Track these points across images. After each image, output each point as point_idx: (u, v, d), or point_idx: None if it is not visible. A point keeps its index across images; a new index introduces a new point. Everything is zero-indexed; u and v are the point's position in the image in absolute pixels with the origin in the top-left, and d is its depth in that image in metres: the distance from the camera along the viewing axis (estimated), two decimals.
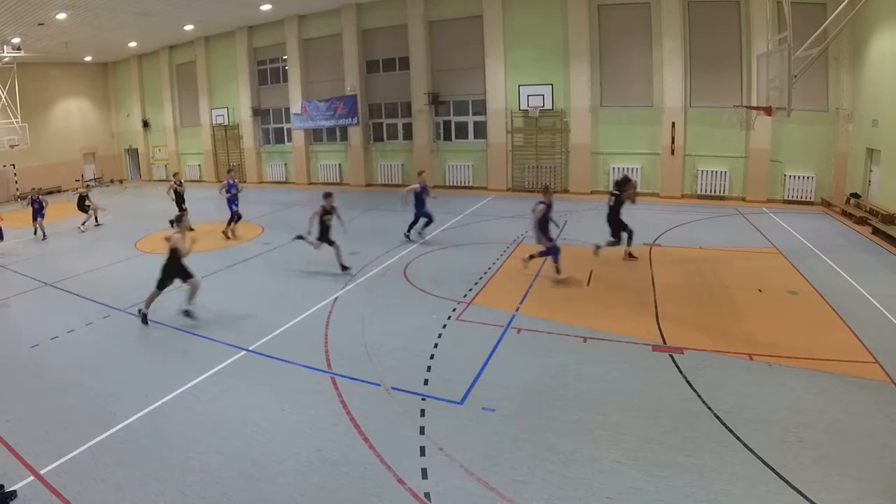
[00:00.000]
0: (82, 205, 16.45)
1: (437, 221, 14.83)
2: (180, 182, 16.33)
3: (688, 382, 6.07)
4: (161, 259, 8.63)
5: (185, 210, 15.60)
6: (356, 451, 5.05)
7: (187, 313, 8.38)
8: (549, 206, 9.58)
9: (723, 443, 4.96)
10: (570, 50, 18.21)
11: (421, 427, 5.39)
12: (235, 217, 14.51)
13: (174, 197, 16.08)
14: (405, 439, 5.20)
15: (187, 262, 8.45)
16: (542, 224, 9.61)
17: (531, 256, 9.92)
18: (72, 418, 5.76)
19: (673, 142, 17.30)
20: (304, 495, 4.50)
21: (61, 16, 17.47)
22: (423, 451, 5.00)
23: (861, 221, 13.25)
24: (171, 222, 8.62)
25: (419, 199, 12.94)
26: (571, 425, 5.36)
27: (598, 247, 10.47)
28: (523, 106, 18.82)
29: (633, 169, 18.13)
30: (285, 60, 23.94)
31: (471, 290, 9.39)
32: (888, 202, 12.82)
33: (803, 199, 16.05)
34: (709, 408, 5.53)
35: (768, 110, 9.91)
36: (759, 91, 11.03)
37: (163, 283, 8.43)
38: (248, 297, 9.69)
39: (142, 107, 29.24)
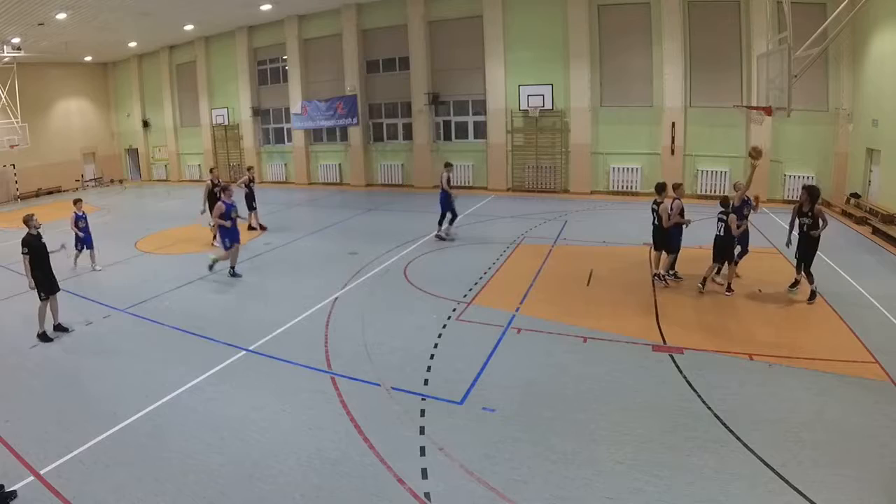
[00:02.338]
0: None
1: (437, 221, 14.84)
2: (252, 178, 15.01)
3: (688, 382, 6.06)
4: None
5: (255, 208, 14.64)
6: (356, 451, 5.05)
7: (672, 276, 9.40)
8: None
9: (723, 443, 4.96)
10: (570, 50, 18.20)
11: (421, 427, 5.39)
12: (453, 216, 13.09)
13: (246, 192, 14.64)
14: (405, 439, 5.19)
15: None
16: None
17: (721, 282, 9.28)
18: (72, 418, 5.76)
19: (673, 142, 17.30)
20: (304, 495, 4.50)
21: (61, 16, 17.46)
22: (423, 451, 5.00)
23: (861, 221, 13.24)
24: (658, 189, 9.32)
25: None
26: (571, 425, 5.36)
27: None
28: (523, 106, 18.81)
29: (633, 169, 18.15)
30: (285, 60, 23.93)
31: (471, 290, 9.39)
32: (888, 202, 12.82)
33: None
34: (709, 408, 5.52)
35: (768, 110, 9.90)
36: (759, 91, 11.02)
37: (664, 247, 9.25)
38: (248, 297, 9.69)
39: (142, 107, 29.23)
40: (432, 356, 6.95)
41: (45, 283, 8.03)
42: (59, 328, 8.24)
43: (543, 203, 17.37)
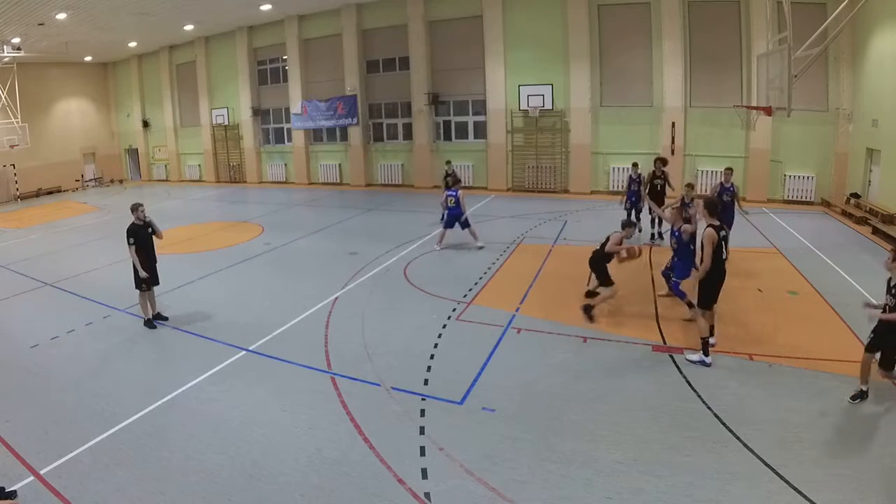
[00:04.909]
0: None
1: (436, 222, 14.83)
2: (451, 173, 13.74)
3: (688, 382, 6.06)
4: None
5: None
6: (356, 451, 5.05)
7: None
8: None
9: (723, 443, 4.96)
10: (570, 50, 18.20)
11: (421, 427, 5.39)
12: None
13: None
14: (405, 439, 5.20)
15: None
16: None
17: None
18: (72, 418, 5.76)
19: (673, 142, 17.30)
20: (304, 495, 4.50)
21: (61, 16, 17.47)
22: (423, 451, 5.00)
23: (861, 221, 13.25)
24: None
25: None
26: (571, 425, 5.36)
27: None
28: (523, 106, 18.81)
29: None
30: (285, 60, 23.94)
31: (471, 290, 9.39)
32: (888, 202, 12.82)
33: (803, 199, 16.05)
34: (709, 408, 5.53)
35: (768, 110, 9.92)
36: (759, 91, 11.03)
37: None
38: (248, 297, 9.69)
39: (142, 107, 29.23)
40: (432, 356, 6.95)
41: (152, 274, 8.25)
42: (159, 316, 8.47)
43: (543, 203, 17.37)
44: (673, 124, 17.20)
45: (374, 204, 18.89)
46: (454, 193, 11.87)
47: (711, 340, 6.69)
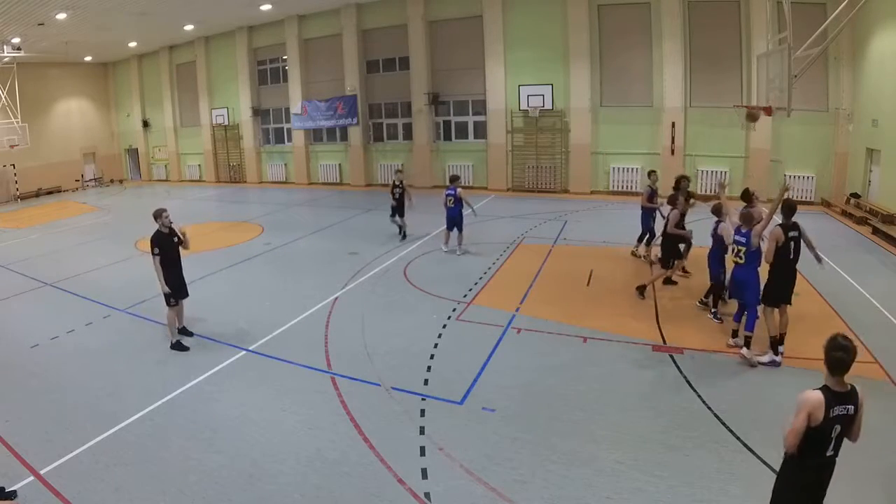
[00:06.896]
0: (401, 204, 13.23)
1: (436, 222, 14.83)
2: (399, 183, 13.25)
3: (688, 382, 6.07)
4: None
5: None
6: (356, 451, 5.05)
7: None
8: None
9: (723, 443, 4.96)
10: (570, 50, 18.21)
11: (421, 427, 5.39)
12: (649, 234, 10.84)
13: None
14: (405, 439, 5.20)
15: None
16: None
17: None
18: (72, 418, 5.76)
19: (673, 142, 17.30)
20: (304, 495, 4.50)
21: (61, 16, 17.46)
22: (423, 451, 5.00)
23: (861, 221, 13.25)
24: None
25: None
26: (571, 425, 5.36)
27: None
28: (523, 106, 18.82)
29: (633, 169, 18.15)
30: (285, 60, 23.94)
31: (471, 290, 9.39)
32: (888, 202, 12.82)
33: (803, 199, 16.00)
34: (709, 408, 5.53)
35: (768, 110, 9.90)
36: (759, 91, 11.01)
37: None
38: (248, 296, 9.69)
39: (142, 107, 29.21)
40: (432, 356, 6.95)
41: (178, 286, 7.53)
42: (184, 331, 7.78)
43: (543, 203, 17.37)
44: (673, 124, 17.20)
45: (374, 204, 18.87)
46: (452, 192, 11.52)
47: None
